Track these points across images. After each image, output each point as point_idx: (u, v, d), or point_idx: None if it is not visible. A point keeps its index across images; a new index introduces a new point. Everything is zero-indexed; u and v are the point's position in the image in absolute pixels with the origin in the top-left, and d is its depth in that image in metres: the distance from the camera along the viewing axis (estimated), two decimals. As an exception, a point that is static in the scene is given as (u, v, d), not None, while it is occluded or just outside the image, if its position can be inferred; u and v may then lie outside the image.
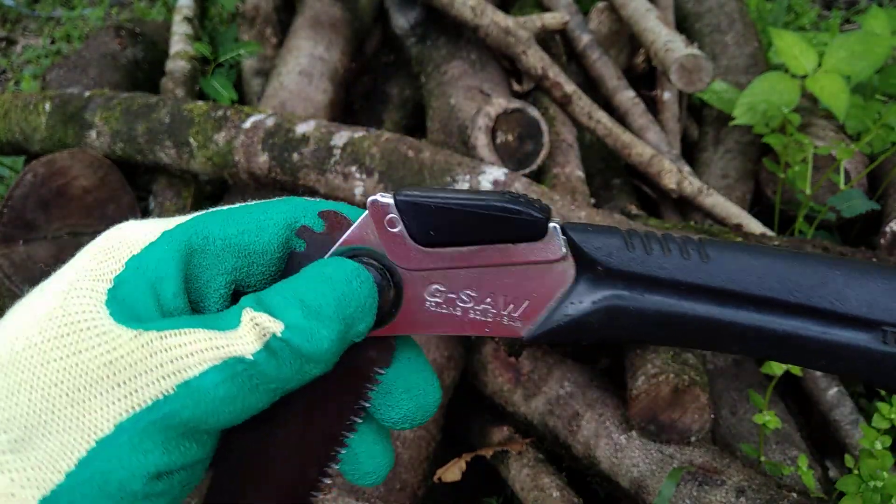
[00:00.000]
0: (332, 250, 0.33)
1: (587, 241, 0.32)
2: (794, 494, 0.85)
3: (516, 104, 1.16)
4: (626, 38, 1.50)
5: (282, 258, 0.35)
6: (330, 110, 1.42)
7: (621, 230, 0.33)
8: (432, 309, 0.33)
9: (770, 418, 0.87)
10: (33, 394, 0.29)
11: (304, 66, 1.43)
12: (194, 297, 0.33)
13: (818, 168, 1.27)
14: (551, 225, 0.31)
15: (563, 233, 0.32)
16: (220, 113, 1.19)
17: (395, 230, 0.32)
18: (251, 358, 0.29)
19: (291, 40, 1.49)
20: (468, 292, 0.32)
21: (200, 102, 1.24)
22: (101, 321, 0.30)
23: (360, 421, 0.34)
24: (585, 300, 0.32)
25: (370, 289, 0.31)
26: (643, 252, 0.32)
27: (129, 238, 0.33)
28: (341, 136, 1.10)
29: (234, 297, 0.34)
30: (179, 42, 1.60)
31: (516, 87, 1.39)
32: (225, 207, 0.35)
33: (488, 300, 0.32)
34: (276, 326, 0.30)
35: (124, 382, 0.29)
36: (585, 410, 1.01)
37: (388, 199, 0.32)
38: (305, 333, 0.30)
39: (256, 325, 0.30)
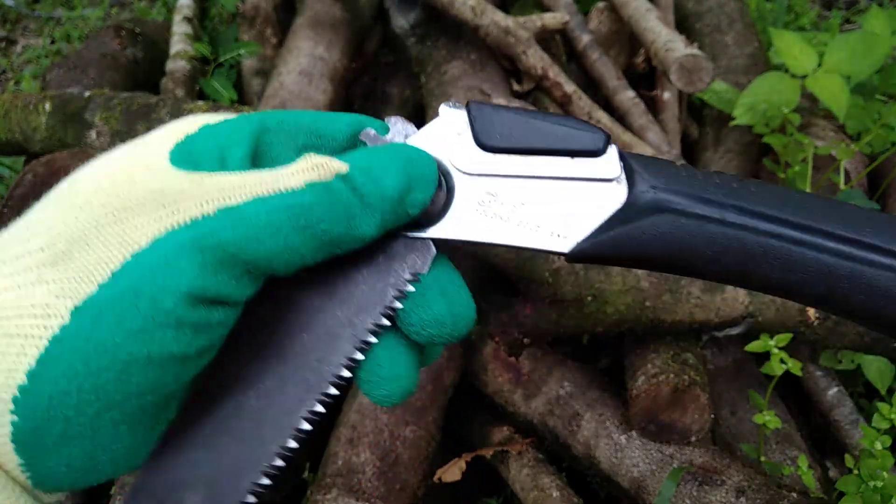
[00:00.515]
0: None
1: (642, 165, 0.33)
2: (794, 494, 0.85)
3: (516, 104, 1.16)
4: (626, 38, 1.49)
5: (349, 149, 0.35)
6: (330, 110, 1.42)
7: (673, 161, 0.34)
8: (481, 213, 0.33)
9: (770, 418, 0.87)
10: (81, 213, 0.29)
11: (304, 66, 1.43)
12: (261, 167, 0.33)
13: (818, 168, 1.27)
14: (611, 146, 0.33)
15: (621, 157, 0.33)
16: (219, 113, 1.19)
17: (461, 134, 0.33)
18: (303, 186, 0.29)
19: (291, 40, 1.49)
20: (521, 200, 0.33)
21: (200, 102, 1.24)
22: (159, 162, 0.31)
23: (388, 323, 0.33)
24: (634, 219, 0.32)
25: (431, 163, 0.32)
26: (692, 178, 0.33)
27: (206, 117, 0.34)
28: (341, 136, 1.10)
29: None
30: (179, 42, 1.60)
31: (516, 87, 1.39)
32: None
33: (539, 211, 0.33)
34: (342, 167, 0.30)
35: (167, 204, 0.29)
36: (585, 410, 1.01)
37: (460, 107, 0.33)
38: (371, 175, 0.30)
39: (318, 165, 0.30)
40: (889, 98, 1.43)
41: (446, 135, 0.33)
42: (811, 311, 0.96)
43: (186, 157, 0.31)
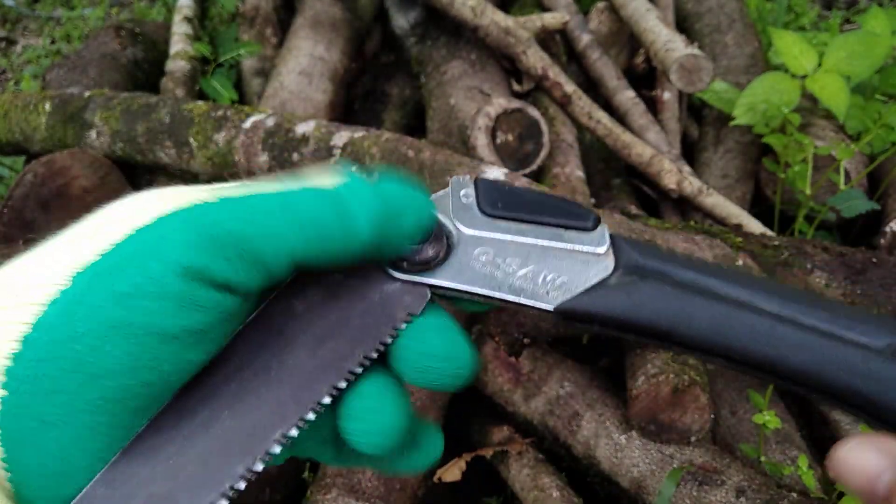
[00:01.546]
0: None
1: (629, 243, 0.36)
2: (794, 494, 0.85)
3: (516, 104, 1.16)
4: (626, 38, 1.50)
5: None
6: (330, 110, 1.42)
7: (660, 246, 0.38)
8: (477, 269, 0.36)
9: (770, 418, 0.87)
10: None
11: (304, 66, 1.43)
12: None
13: (818, 168, 1.27)
14: (601, 225, 0.36)
15: (610, 235, 0.36)
16: (220, 113, 1.19)
17: (467, 200, 0.37)
18: (306, 189, 0.31)
19: (291, 40, 1.49)
20: (516, 262, 0.36)
21: (200, 102, 1.24)
22: None
23: (375, 356, 0.34)
24: (618, 286, 0.35)
25: (425, 199, 0.34)
26: (673, 255, 0.36)
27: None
28: (341, 136, 1.10)
29: None
30: (179, 42, 1.60)
31: (516, 87, 1.39)
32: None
33: (531, 272, 0.35)
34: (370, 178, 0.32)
35: (177, 196, 0.30)
36: (585, 410, 1.01)
37: (467, 177, 0.37)
38: (381, 193, 0.32)
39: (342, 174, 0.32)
40: (889, 98, 1.43)
41: (453, 199, 0.37)
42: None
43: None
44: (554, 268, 0.35)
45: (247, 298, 0.31)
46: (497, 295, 0.35)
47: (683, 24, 1.60)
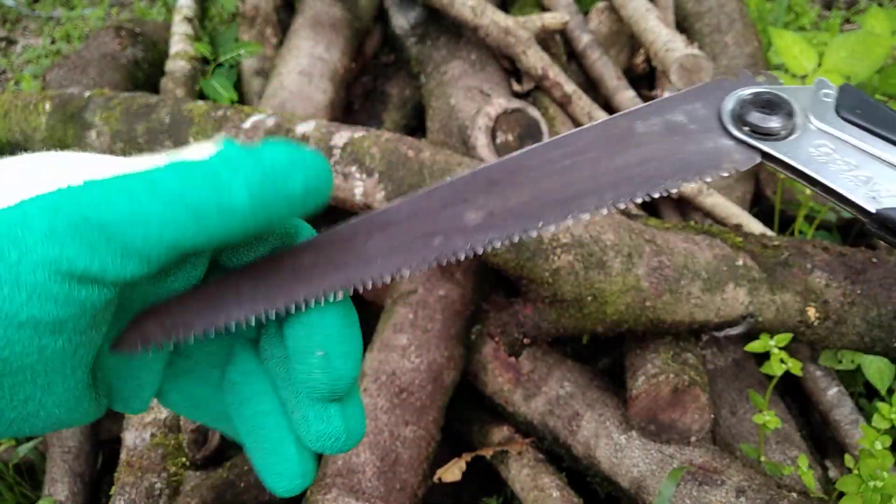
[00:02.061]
0: (735, 90, 0.40)
1: None
2: (794, 494, 0.85)
3: (516, 104, 1.16)
4: (626, 38, 1.49)
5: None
6: (330, 110, 1.42)
7: None
8: (814, 153, 0.38)
9: (770, 418, 0.87)
10: None
11: (304, 66, 1.43)
12: None
13: (818, 168, 1.27)
14: None
15: None
16: (220, 113, 1.19)
17: (827, 98, 0.39)
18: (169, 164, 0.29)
19: (291, 40, 1.49)
20: (854, 164, 0.37)
21: (200, 102, 1.24)
22: None
23: (674, 190, 0.38)
24: None
25: (315, 157, 0.31)
26: None
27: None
28: (341, 136, 1.10)
29: None
30: (179, 42, 1.60)
31: (516, 87, 1.39)
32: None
33: (865, 177, 0.37)
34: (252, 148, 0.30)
35: (48, 172, 0.29)
36: (585, 410, 1.01)
37: (832, 85, 0.39)
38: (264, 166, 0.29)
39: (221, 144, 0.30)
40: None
41: (814, 95, 0.39)
42: (811, 311, 0.96)
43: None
44: (888, 182, 0.37)
45: (127, 286, 0.30)
46: (823, 181, 0.37)
47: (683, 24, 1.60)
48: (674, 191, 0.38)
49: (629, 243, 0.94)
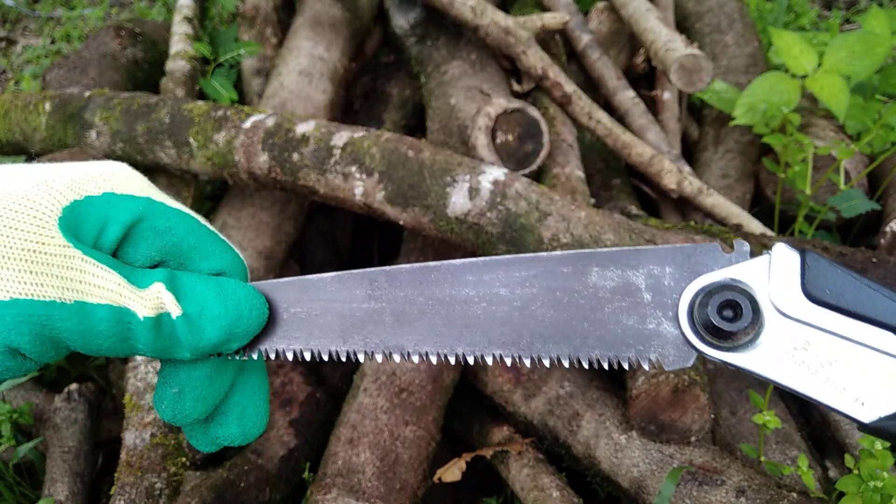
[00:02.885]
0: (703, 275, 0.35)
1: None
2: (794, 494, 0.85)
3: (516, 104, 1.16)
4: (626, 38, 1.50)
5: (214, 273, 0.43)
6: (330, 110, 1.42)
7: None
8: (790, 358, 0.34)
9: (770, 418, 0.87)
10: None
11: (304, 66, 1.43)
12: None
13: (818, 168, 1.27)
14: None
15: None
16: (220, 113, 1.19)
17: (790, 276, 0.34)
18: (140, 319, 0.36)
19: (291, 40, 1.49)
20: (833, 358, 0.33)
21: (200, 102, 1.24)
22: (47, 216, 0.35)
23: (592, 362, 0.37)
24: None
25: (260, 320, 0.39)
26: None
27: (121, 176, 0.39)
28: (341, 136, 1.10)
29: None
30: (179, 42, 1.60)
31: (516, 87, 1.39)
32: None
33: (848, 374, 0.33)
34: (175, 310, 0.37)
35: (36, 273, 0.34)
36: (585, 410, 1.01)
37: (793, 251, 0.35)
38: (194, 328, 0.37)
39: (159, 299, 0.37)
40: (889, 98, 1.43)
41: (775, 272, 0.34)
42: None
43: (71, 220, 0.36)
44: (875, 375, 0.33)
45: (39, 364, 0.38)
46: (807, 393, 0.34)
47: (683, 24, 1.60)
48: (585, 365, 0.36)
49: (629, 243, 0.94)
